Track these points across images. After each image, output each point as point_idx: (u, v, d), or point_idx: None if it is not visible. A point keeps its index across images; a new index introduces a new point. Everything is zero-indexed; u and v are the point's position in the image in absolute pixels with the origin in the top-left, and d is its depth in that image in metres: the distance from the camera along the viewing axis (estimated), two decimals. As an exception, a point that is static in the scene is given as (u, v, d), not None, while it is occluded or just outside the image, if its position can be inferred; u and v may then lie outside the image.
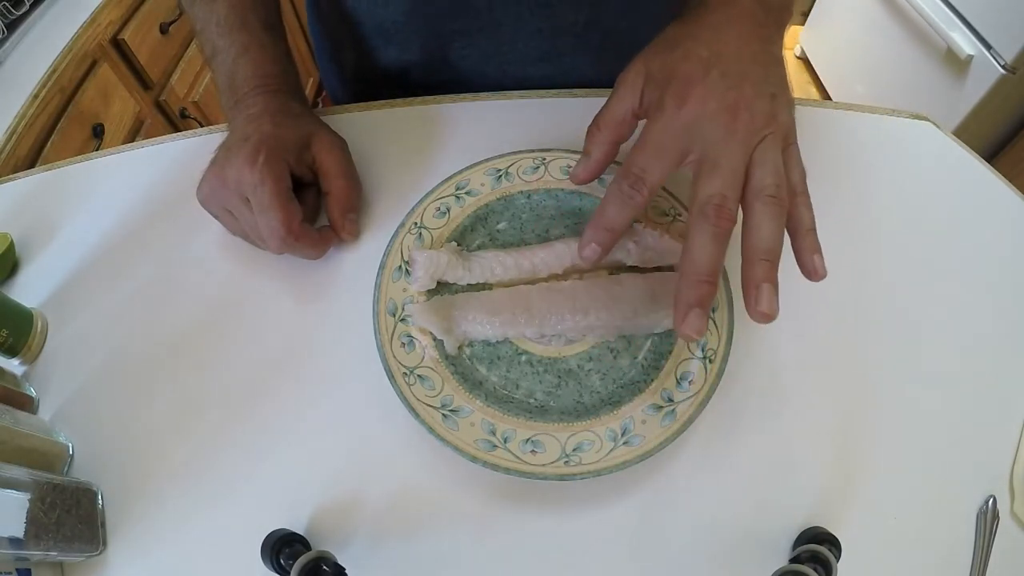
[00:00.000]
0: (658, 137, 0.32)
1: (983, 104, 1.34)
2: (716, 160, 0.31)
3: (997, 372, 0.40)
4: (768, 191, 0.30)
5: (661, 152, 0.32)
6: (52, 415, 0.39)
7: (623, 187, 0.33)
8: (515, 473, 0.33)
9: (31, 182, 0.52)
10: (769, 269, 0.30)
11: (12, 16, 0.98)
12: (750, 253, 0.30)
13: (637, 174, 0.33)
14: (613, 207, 0.34)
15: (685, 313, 0.30)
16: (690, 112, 0.32)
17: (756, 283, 0.29)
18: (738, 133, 0.31)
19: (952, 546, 0.34)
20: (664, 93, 0.33)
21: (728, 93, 0.32)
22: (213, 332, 0.42)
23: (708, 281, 0.30)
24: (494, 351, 0.39)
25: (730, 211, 0.30)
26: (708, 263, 0.30)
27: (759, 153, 0.31)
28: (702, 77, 0.32)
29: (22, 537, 0.29)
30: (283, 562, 0.31)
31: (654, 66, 0.34)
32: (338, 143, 0.45)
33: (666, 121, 0.32)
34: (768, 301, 0.29)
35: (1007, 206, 0.48)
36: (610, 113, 0.36)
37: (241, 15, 0.45)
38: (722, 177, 0.30)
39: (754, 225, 0.30)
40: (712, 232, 0.30)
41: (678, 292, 0.31)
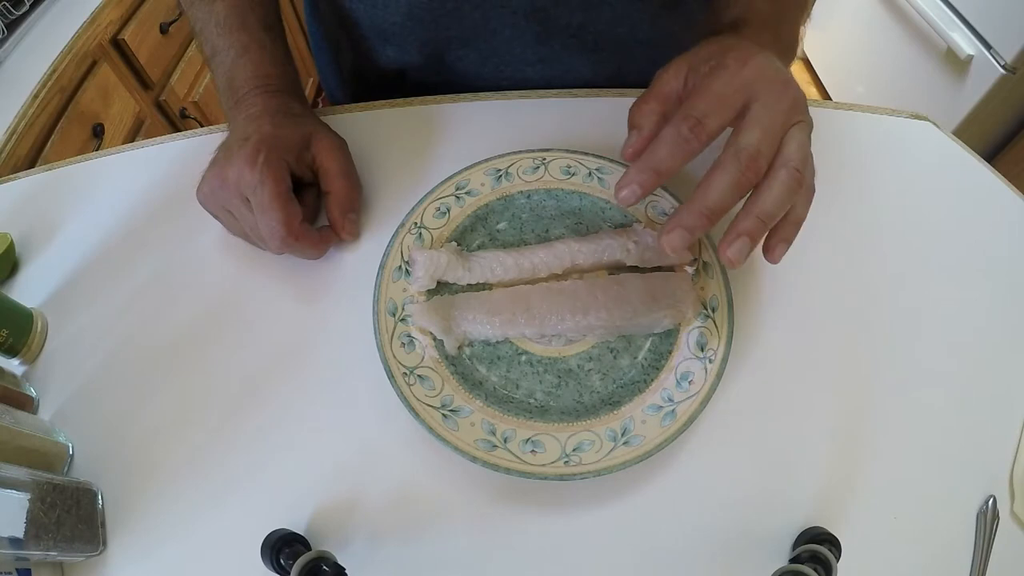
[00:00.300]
0: (721, 87, 0.33)
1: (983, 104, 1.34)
2: (761, 118, 0.32)
3: (997, 372, 0.40)
4: (794, 163, 0.32)
5: (723, 101, 0.33)
6: (52, 415, 0.39)
7: (682, 129, 0.32)
8: (515, 473, 0.33)
9: (31, 182, 0.52)
10: (757, 227, 0.31)
11: (12, 16, 0.98)
12: (751, 206, 0.31)
13: (698, 118, 0.32)
14: (666, 148, 0.33)
15: (672, 229, 0.32)
16: (751, 71, 0.33)
17: (740, 232, 0.31)
18: (786, 102, 0.33)
19: (952, 546, 0.34)
20: (724, 58, 0.34)
21: (781, 71, 0.34)
22: (213, 332, 0.42)
23: (708, 217, 0.31)
24: (494, 351, 0.39)
25: (760, 166, 0.31)
26: (719, 202, 0.31)
27: (795, 130, 0.33)
28: (759, 52, 0.34)
29: (22, 537, 0.29)
30: (283, 562, 0.31)
31: (700, 54, 0.36)
32: (338, 143, 0.45)
33: (730, 75, 0.33)
34: (739, 251, 0.31)
35: (1007, 206, 0.48)
36: (657, 89, 0.37)
37: (240, 15, 0.45)
38: (764, 133, 0.32)
39: (768, 186, 0.31)
40: (735, 178, 0.31)
41: (676, 213, 0.32)
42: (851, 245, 0.45)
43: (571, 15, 0.53)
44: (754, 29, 0.39)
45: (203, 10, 0.46)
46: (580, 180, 0.44)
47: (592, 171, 0.44)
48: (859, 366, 0.40)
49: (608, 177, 0.44)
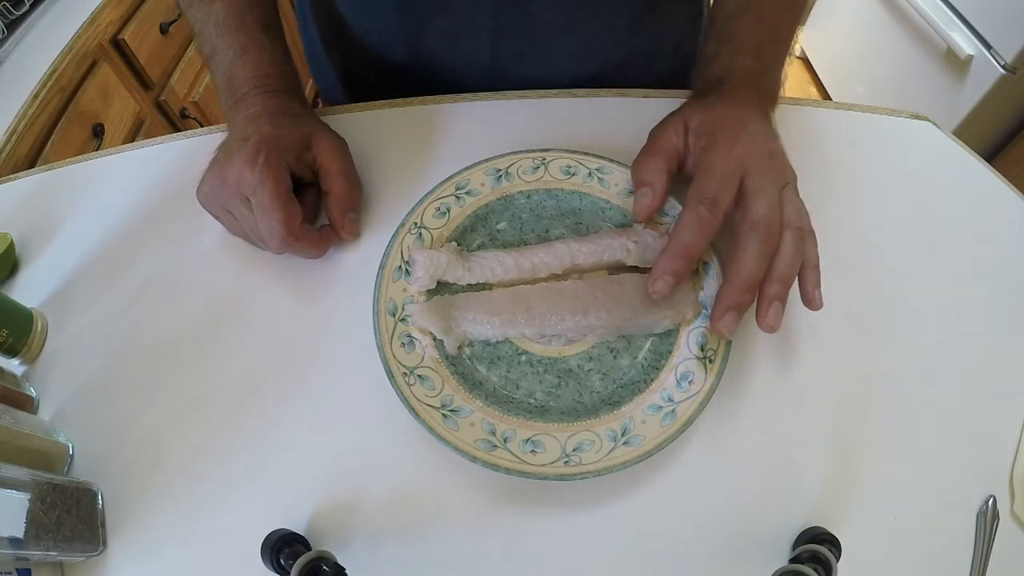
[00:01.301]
0: (722, 166, 0.37)
1: (983, 104, 1.34)
2: (760, 189, 0.36)
3: (997, 372, 0.40)
4: (796, 223, 0.36)
5: (727, 179, 0.36)
6: (52, 415, 0.39)
7: (701, 211, 0.36)
8: (515, 473, 0.33)
9: (31, 182, 0.52)
10: (783, 289, 0.35)
11: (12, 16, 0.98)
12: (771, 273, 0.35)
13: (712, 198, 0.36)
14: (690, 231, 0.36)
15: (723, 313, 0.34)
16: (742, 149, 0.37)
17: (771, 299, 0.34)
18: (775, 172, 0.37)
19: (952, 546, 0.34)
20: (715, 136, 0.38)
21: (765, 143, 0.38)
22: (213, 332, 0.42)
23: (750, 291, 0.35)
24: (494, 351, 0.39)
25: (776, 234, 0.35)
26: (754, 274, 0.34)
27: (787, 193, 0.37)
28: (744, 128, 0.39)
29: (22, 537, 0.29)
30: (283, 562, 0.31)
31: (694, 120, 0.40)
32: (338, 143, 0.45)
33: (725, 154, 0.37)
34: (776, 316, 0.34)
35: (1007, 206, 0.48)
36: (660, 148, 0.41)
37: (239, 16, 0.45)
38: (768, 204, 0.35)
39: (782, 251, 0.35)
40: (761, 249, 0.35)
41: (720, 293, 0.35)
42: (851, 245, 0.45)
43: (555, 14, 0.53)
44: (734, 86, 0.41)
45: (202, 11, 0.46)
46: (580, 180, 0.44)
47: (592, 171, 0.44)
48: (859, 366, 0.40)
49: (608, 177, 0.44)
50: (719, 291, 0.35)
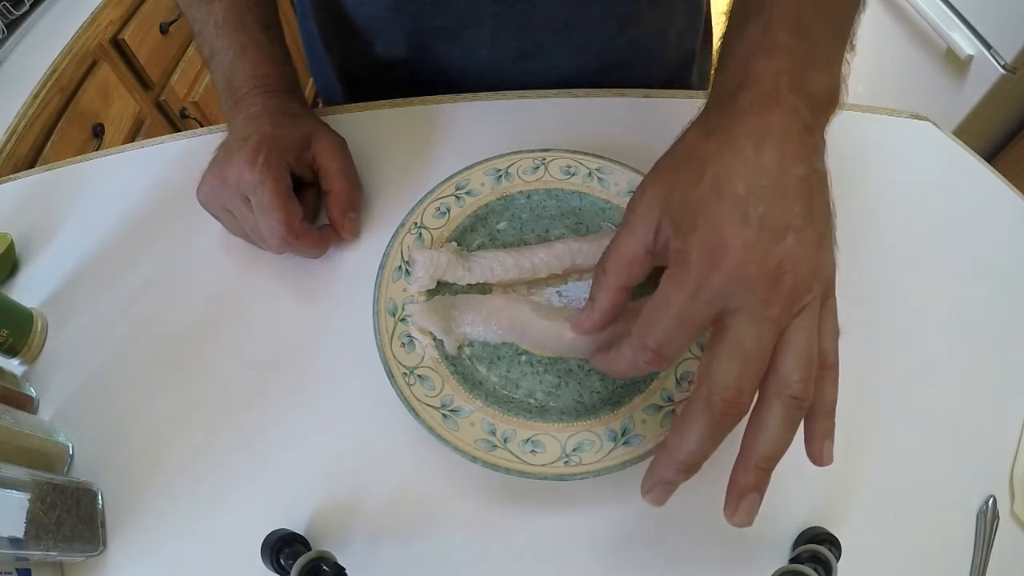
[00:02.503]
0: (681, 305, 0.26)
1: (983, 104, 1.34)
2: (741, 339, 0.26)
3: (997, 372, 0.40)
4: (792, 390, 0.26)
5: (684, 323, 0.27)
6: (52, 415, 0.39)
7: (639, 361, 0.28)
8: (515, 473, 0.33)
9: (31, 182, 0.52)
10: (762, 478, 0.26)
11: (12, 16, 0.98)
12: (748, 454, 0.26)
13: (654, 349, 0.27)
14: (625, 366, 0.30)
15: (651, 487, 0.28)
16: (723, 277, 0.26)
17: (742, 491, 0.26)
18: (775, 307, 0.25)
19: (952, 546, 0.34)
20: (688, 243, 0.26)
21: (770, 253, 0.25)
22: (213, 332, 0.42)
23: (686, 470, 0.27)
24: (494, 351, 0.39)
25: (741, 407, 0.26)
26: (695, 454, 0.27)
27: (794, 331, 0.26)
28: (739, 231, 0.26)
29: (22, 537, 0.29)
30: (283, 562, 0.31)
31: (675, 201, 0.28)
32: (338, 142, 0.45)
33: (694, 287, 0.26)
34: (748, 514, 0.26)
35: (1007, 206, 0.48)
36: (619, 253, 0.30)
37: (238, 16, 0.45)
38: (744, 362, 0.26)
39: (764, 425, 0.26)
40: (710, 427, 0.26)
41: (651, 465, 0.28)
42: (851, 245, 0.44)
43: (555, 9, 0.53)
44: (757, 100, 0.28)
45: (201, 11, 0.46)
46: (580, 180, 0.44)
47: (592, 171, 0.44)
48: (859, 365, 0.40)
49: (608, 177, 0.44)
50: (652, 463, 0.28)
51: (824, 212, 0.28)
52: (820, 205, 0.28)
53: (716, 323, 0.27)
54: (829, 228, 0.28)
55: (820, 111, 0.29)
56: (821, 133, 0.29)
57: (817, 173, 0.28)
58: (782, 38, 0.28)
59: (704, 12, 0.64)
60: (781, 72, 0.28)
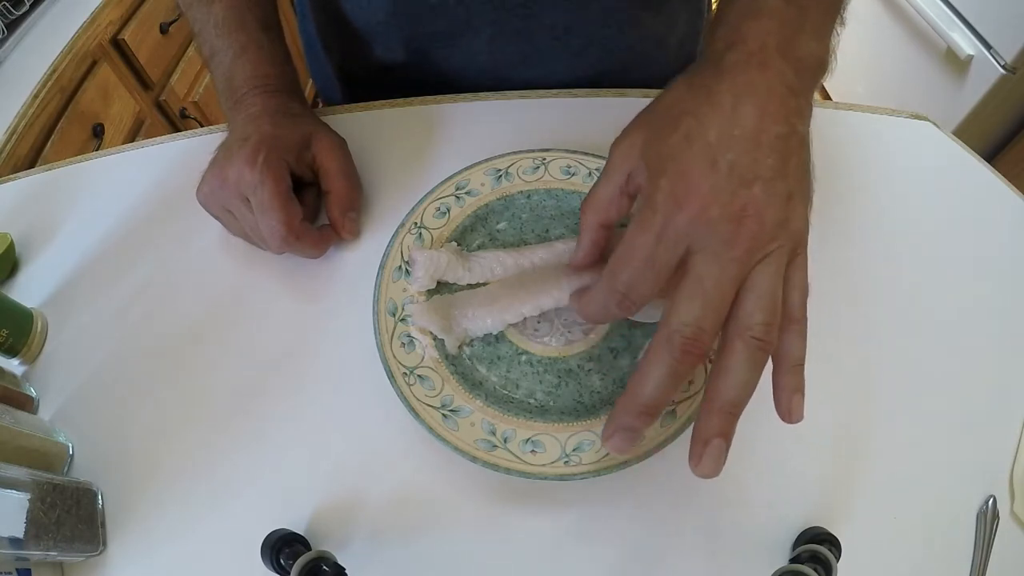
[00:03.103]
0: (647, 248, 0.27)
1: (983, 104, 1.34)
2: (702, 277, 0.26)
3: (997, 372, 0.40)
4: (755, 331, 0.26)
5: (650, 265, 0.27)
6: (52, 415, 0.39)
7: (610, 307, 0.29)
8: (515, 473, 0.33)
9: (31, 182, 0.52)
10: (727, 423, 0.26)
11: (12, 16, 0.98)
12: (712, 398, 0.26)
13: (623, 292, 0.28)
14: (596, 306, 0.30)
15: (612, 433, 0.27)
16: (686, 218, 0.26)
17: (707, 437, 0.26)
18: (738, 248, 0.26)
19: (952, 546, 0.34)
20: (656, 187, 0.27)
21: (736, 196, 0.26)
22: (213, 332, 0.42)
23: (647, 413, 0.27)
24: (494, 351, 0.39)
25: (702, 347, 0.26)
26: (655, 396, 0.26)
27: (757, 275, 0.26)
28: (706, 174, 0.26)
29: (22, 537, 0.29)
30: (283, 562, 0.31)
31: (651, 147, 0.29)
32: (338, 142, 0.45)
33: (659, 229, 0.27)
34: (714, 462, 0.26)
35: (1007, 206, 0.48)
36: (596, 195, 0.32)
37: (238, 16, 0.45)
38: (704, 301, 0.26)
39: (726, 367, 0.26)
40: (671, 367, 0.26)
41: (612, 412, 0.28)
42: (850, 245, 0.45)
43: (555, 15, 0.53)
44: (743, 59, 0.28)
45: (201, 11, 0.46)
46: (580, 180, 0.44)
47: (592, 171, 0.44)
48: (859, 365, 0.40)
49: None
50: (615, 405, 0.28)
51: (800, 172, 0.28)
52: (796, 164, 0.28)
53: (680, 266, 0.27)
54: (803, 188, 0.28)
55: (807, 76, 0.29)
56: (807, 98, 0.29)
57: (797, 135, 0.28)
58: (772, 2, 0.29)
59: (706, 17, 0.64)
60: (769, 34, 0.28)
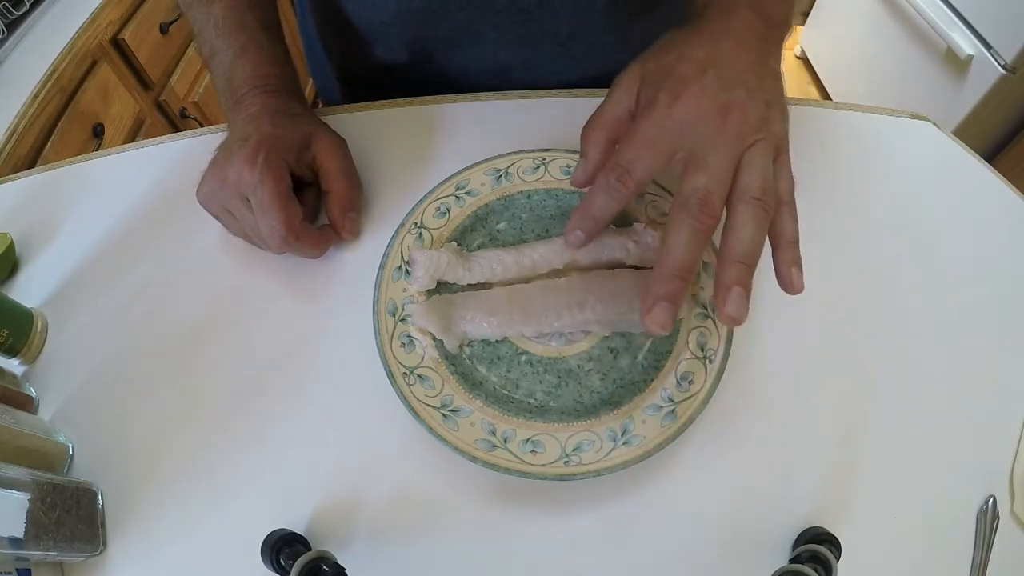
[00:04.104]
0: (648, 132, 0.32)
1: (983, 104, 1.34)
2: (704, 157, 0.30)
3: (997, 372, 0.40)
4: (753, 192, 0.30)
5: (650, 147, 0.32)
6: (52, 415, 0.39)
7: (610, 179, 0.33)
8: (515, 473, 0.33)
9: (31, 182, 0.52)
10: (743, 272, 0.29)
11: (12, 16, 0.98)
12: (726, 254, 0.30)
13: (624, 167, 0.32)
14: (599, 198, 0.34)
15: (652, 305, 0.30)
16: (682, 109, 0.31)
17: (728, 285, 0.29)
18: (728, 133, 0.31)
19: (952, 546, 0.34)
20: (658, 89, 0.32)
21: (721, 94, 0.31)
22: (213, 332, 0.42)
23: (681, 277, 0.30)
24: (494, 351, 0.39)
25: (713, 207, 0.30)
26: (683, 259, 0.30)
27: (748, 156, 0.31)
28: (696, 77, 0.32)
29: (22, 537, 0.29)
30: (283, 562, 0.31)
31: (650, 67, 0.35)
32: (338, 142, 0.45)
33: (657, 117, 0.32)
34: (737, 305, 0.29)
35: (1007, 206, 0.48)
36: (605, 113, 0.36)
37: (239, 16, 0.45)
38: (708, 173, 0.30)
39: (735, 226, 0.30)
40: (692, 227, 0.29)
41: (649, 284, 0.30)
42: (850, 245, 0.45)
43: (558, 22, 0.53)
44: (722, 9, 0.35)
45: (201, 11, 0.46)
46: (580, 180, 0.44)
47: (592, 171, 0.44)
48: (859, 366, 0.40)
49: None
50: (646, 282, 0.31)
51: (775, 91, 0.33)
52: (771, 84, 0.33)
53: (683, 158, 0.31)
54: (780, 102, 0.33)
55: (773, 27, 0.35)
56: (776, 44, 0.36)
57: (769, 67, 0.34)
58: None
59: None
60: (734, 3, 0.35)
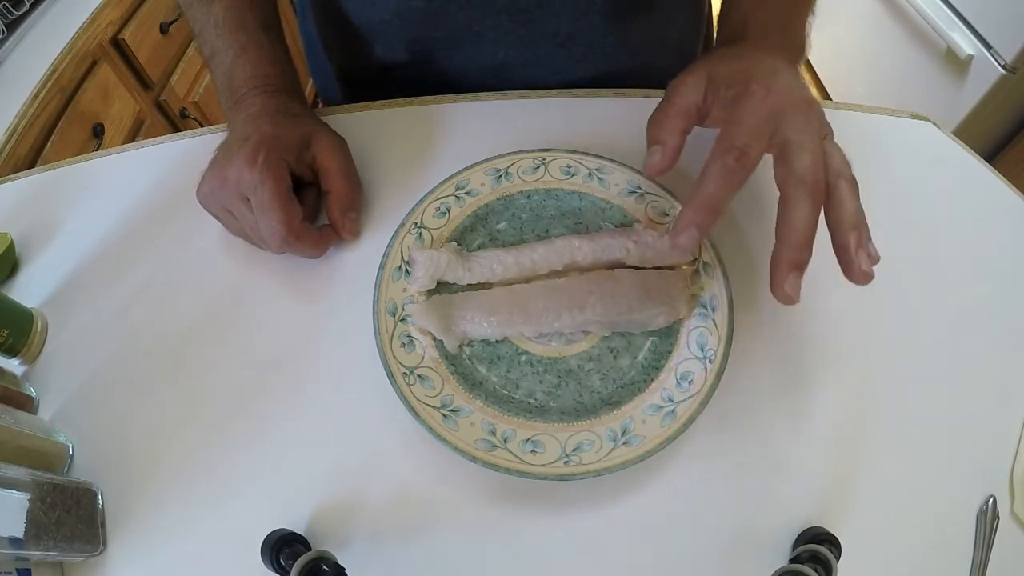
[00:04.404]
0: (753, 116, 0.34)
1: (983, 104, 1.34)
2: (802, 142, 0.33)
3: (997, 372, 0.40)
4: (847, 173, 0.33)
5: (759, 129, 0.34)
6: (52, 415, 0.39)
7: (728, 161, 0.33)
8: (515, 473, 0.33)
9: (31, 182, 0.52)
10: (861, 236, 0.32)
11: (12, 16, 0.98)
12: (843, 224, 0.32)
13: (742, 148, 0.33)
14: (715, 182, 0.33)
15: (784, 276, 0.31)
16: (776, 97, 0.34)
17: (853, 248, 0.32)
18: (814, 122, 0.34)
19: (952, 546, 0.34)
20: (747, 84, 0.35)
21: (803, 90, 0.36)
22: (213, 332, 0.42)
23: (807, 247, 0.32)
24: (494, 351, 0.39)
25: (823, 187, 0.33)
26: (808, 228, 0.32)
27: (828, 145, 0.34)
28: (776, 75, 0.36)
29: (22, 537, 0.29)
30: (283, 562, 0.31)
31: (720, 71, 0.37)
32: (338, 142, 0.45)
33: (757, 104, 0.34)
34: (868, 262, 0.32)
35: (1007, 206, 0.48)
36: (677, 104, 0.38)
37: (239, 16, 0.45)
38: (812, 156, 0.33)
39: (841, 199, 0.33)
40: (811, 202, 0.32)
41: (777, 256, 0.32)
42: (851, 245, 0.45)
43: (557, 23, 0.53)
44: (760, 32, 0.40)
45: (202, 11, 0.46)
46: (580, 180, 0.44)
47: (592, 171, 0.44)
48: (859, 365, 0.40)
49: (608, 177, 0.44)
50: (773, 255, 0.32)
51: None
52: None
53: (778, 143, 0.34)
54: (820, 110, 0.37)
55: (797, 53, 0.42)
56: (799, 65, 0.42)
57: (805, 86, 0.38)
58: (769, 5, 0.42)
59: (706, 15, 0.64)
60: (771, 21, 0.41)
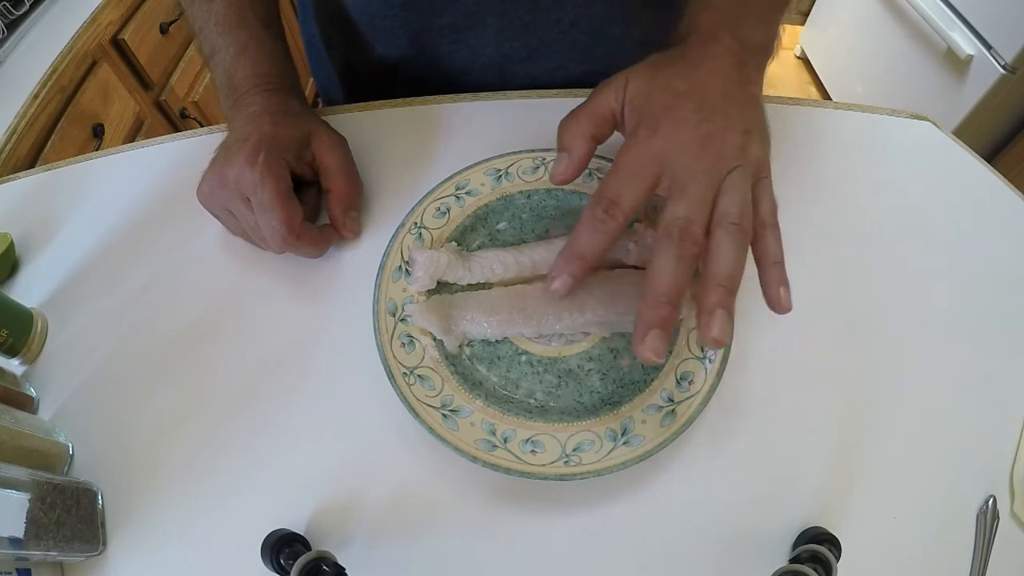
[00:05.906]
0: (631, 162, 0.33)
1: (983, 104, 1.34)
2: (684, 186, 0.31)
3: (997, 372, 0.40)
4: (731, 219, 0.31)
5: (634, 177, 0.33)
6: (52, 415, 0.39)
7: (596, 212, 0.33)
8: (515, 473, 0.33)
9: (31, 182, 0.52)
10: (724, 295, 0.30)
11: (12, 16, 0.98)
12: (708, 278, 0.30)
13: (611, 199, 0.32)
14: (586, 233, 0.33)
15: (644, 334, 0.30)
16: (662, 140, 0.33)
17: (710, 309, 0.30)
18: (706, 162, 0.32)
19: (952, 546, 0.34)
20: (639, 121, 0.34)
21: (700, 125, 0.32)
22: (213, 332, 0.42)
23: (669, 303, 0.30)
24: (494, 351, 0.39)
25: (695, 235, 0.30)
26: (670, 284, 0.30)
27: (727, 183, 0.32)
28: (676, 108, 0.33)
29: (22, 537, 0.29)
30: (283, 562, 0.31)
31: (633, 88, 0.35)
32: (338, 141, 0.45)
33: (639, 147, 0.33)
34: (720, 327, 0.29)
35: (1007, 206, 0.48)
36: (589, 109, 0.36)
37: (239, 14, 0.45)
38: (688, 202, 0.31)
39: (714, 250, 0.31)
40: (676, 254, 0.30)
41: (639, 313, 0.31)
42: (850, 245, 0.45)
43: (563, 9, 0.53)
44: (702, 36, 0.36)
45: (202, 9, 0.46)
46: (580, 180, 0.44)
47: (592, 171, 0.44)
48: (859, 366, 0.40)
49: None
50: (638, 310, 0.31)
51: (755, 117, 0.34)
52: (751, 112, 0.34)
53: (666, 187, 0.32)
54: (760, 128, 0.34)
55: (753, 53, 0.36)
56: (756, 70, 0.37)
57: (748, 93, 0.35)
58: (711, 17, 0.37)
59: None
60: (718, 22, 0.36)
